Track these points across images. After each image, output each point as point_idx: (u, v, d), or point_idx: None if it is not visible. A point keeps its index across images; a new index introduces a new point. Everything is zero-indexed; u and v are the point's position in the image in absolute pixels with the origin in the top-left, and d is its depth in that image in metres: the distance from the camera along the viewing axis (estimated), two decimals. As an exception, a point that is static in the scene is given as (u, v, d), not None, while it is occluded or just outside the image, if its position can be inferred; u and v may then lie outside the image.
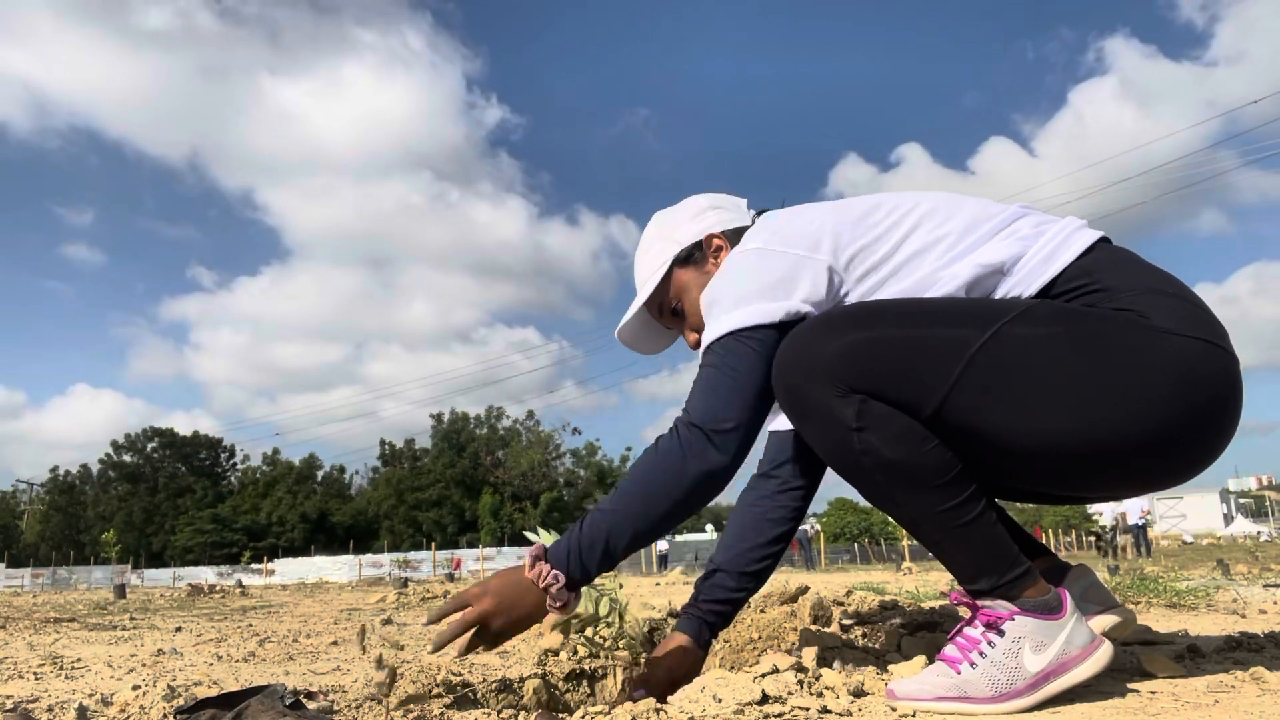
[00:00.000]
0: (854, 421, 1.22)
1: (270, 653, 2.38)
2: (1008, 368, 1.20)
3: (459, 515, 39.25)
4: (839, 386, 1.22)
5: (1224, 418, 1.24)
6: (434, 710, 1.37)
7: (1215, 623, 2.42)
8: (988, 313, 1.24)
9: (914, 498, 1.24)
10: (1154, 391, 1.18)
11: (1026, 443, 1.22)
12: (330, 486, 46.35)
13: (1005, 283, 1.31)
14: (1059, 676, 1.20)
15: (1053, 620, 1.22)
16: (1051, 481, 1.32)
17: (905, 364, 1.22)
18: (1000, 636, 1.22)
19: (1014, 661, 1.20)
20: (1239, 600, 3.19)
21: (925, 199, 1.40)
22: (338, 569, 30.96)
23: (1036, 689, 1.20)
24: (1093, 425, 1.19)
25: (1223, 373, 1.22)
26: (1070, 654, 1.21)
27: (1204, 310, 1.26)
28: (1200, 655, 1.64)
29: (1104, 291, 1.25)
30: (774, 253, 1.36)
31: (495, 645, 1.32)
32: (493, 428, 42.03)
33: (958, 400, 1.20)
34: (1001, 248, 1.32)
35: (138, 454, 48.75)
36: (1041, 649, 1.20)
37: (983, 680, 1.20)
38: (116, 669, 2.06)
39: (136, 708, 1.31)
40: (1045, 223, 1.36)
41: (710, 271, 1.55)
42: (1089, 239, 1.32)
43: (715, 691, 1.23)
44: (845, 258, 1.35)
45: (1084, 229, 1.35)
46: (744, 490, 1.70)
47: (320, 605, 5.49)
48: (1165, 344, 1.19)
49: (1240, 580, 5.33)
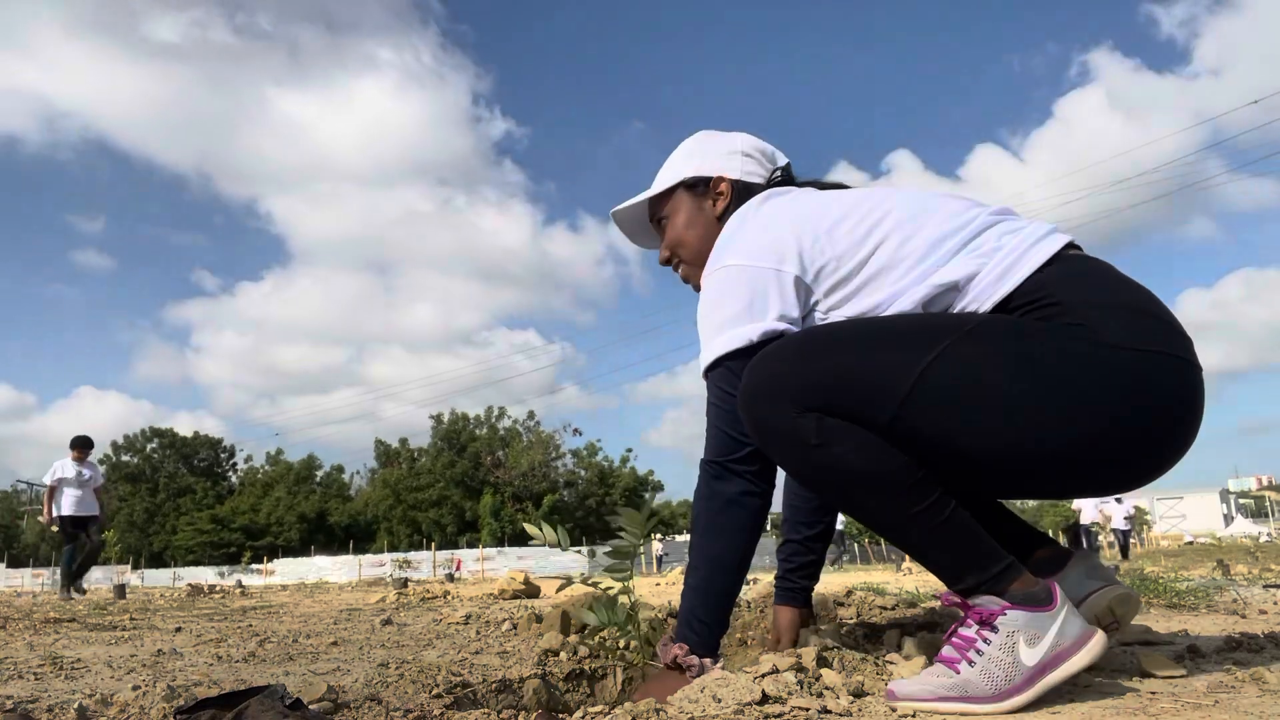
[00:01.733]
0: (814, 438, 1.28)
1: (270, 653, 2.39)
2: (951, 385, 1.25)
3: (458, 515, 39.23)
4: (796, 407, 1.28)
5: (1174, 426, 1.27)
6: (434, 710, 1.37)
7: (1215, 623, 2.42)
8: (936, 331, 1.29)
9: (886, 504, 1.28)
10: (1091, 405, 1.23)
11: (972, 453, 1.27)
12: (330, 487, 46.36)
13: (960, 300, 1.35)
14: (1055, 668, 1.21)
15: (1044, 612, 1.23)
16: (1005, 485, 1.38)
17: (859, 385, 1.28)
18: (994, 633, 1.23)
19: (1010, 656, 1.21)
20: (1239, 600, 3.19)
21: (897, 206, 1.42)
22: (338, 569, 30.95)
23: (1034, 682, 1.21)
24: (1027, 437, 1.25)
25: (1174, 383, 1.25)
26: (1064, 645, 1.22)
27: (1161, 321, 1.28)
28: (1200, 655, 1.64)
29: (1055, 306, 1.28)
30: (745, 269, 1.42)
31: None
32: (493, 428, 42.03)
33: (908, 416, 1.26)
34: (960, 266, 1.35)
35: (137, 454, 48.77)
36: (1036, 641, 1.21)
37: (982, 678, 1.22)
38: (116, 669, 2.06)
39: (136, 708, 1.31)
40: (1011, 232, 1.37)
41: (704, 208, 1.63)
42: (1048, 251, 1.34)
43: (715, 691, 1.23)
44: (814, 270, 1.40)
45: (1046, 240, 1.36)
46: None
47: (320, 605, 5.49)
48: (1107, 358, 1.23)
49: (1240, 580, 5.33)
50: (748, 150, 1.65)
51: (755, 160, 1.65)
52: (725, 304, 1.42)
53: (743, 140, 1.67)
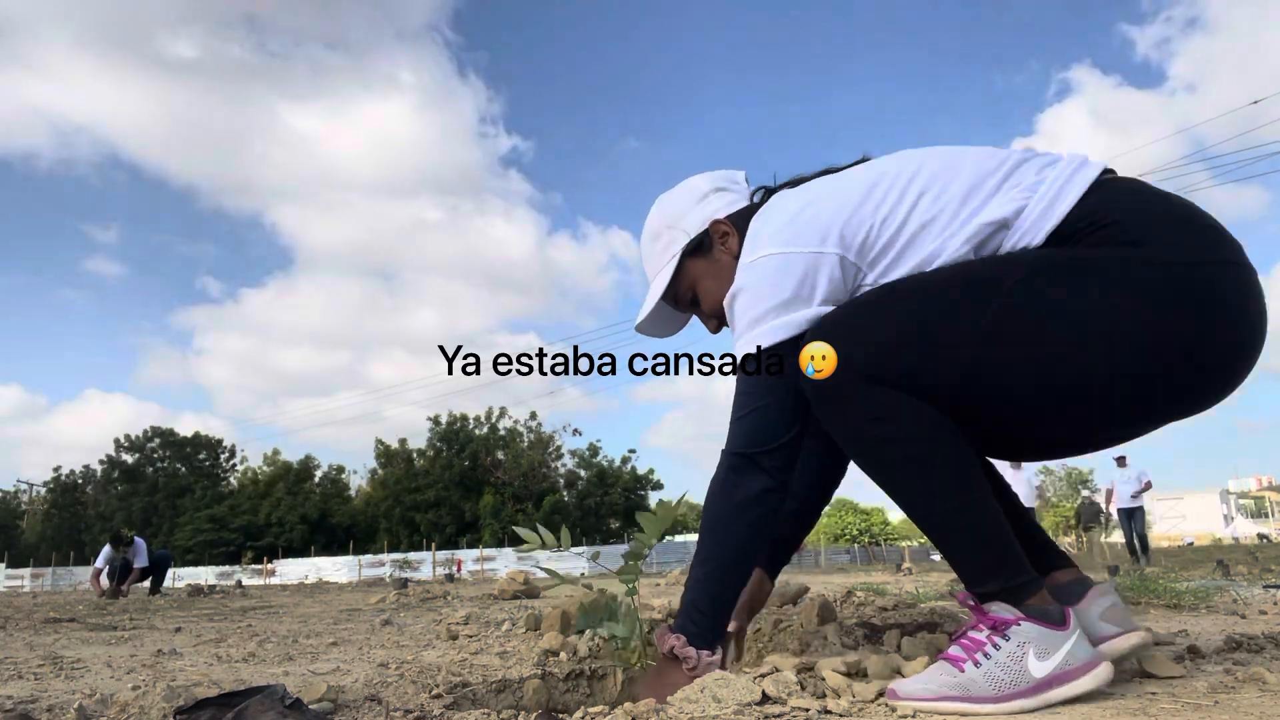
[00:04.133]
0: (879, 411, 1.27)
1: (270, 653, 2.38)
2: (1022, 326, 1.24)
3: (458, 516, 39.21)
4: (861, 376, 1.27)
5: (1243, 334, 1.24)
6: (434, 710, 1.37)
7: (1215, 623, 2.42)
8: (995, 274, 1.27)
9: (935, 489, 1.27)
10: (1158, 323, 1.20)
11: (1049, 391, 1.25)
12: (329, 487, 46.35)
13: (1011, 238, 1.32)
14: (1061, 685, 1.21)
15: (1058, 630, 1.23)
16: (1077, 429, 1.34)
17: (926, 341, 1.26)
18: (1005, 640, 1.23)
19: (1018, 665, 1.21)
20: (1239, 601, 3.19)
21: (925, 164, 1.38)
22: (338, 569, 30.94)
23: (1038, 693, 1.20)
24: (1102, 365, 1.22)
25: (1233, 290, 1.23)
26: (1073, 666, 1.21)
27: (1211, 229, 1.26)
28: (1200, 656, 1.64)
29: (1110, 226, 1.25)
30: (788, 256, 1.36)
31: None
32: (493, 428, 42.03)
33: (979, 362, 1.25)
34: (1004, 203, 1.32)
35: (137, 453, 48.75)
36: (1046, 656, 1.21)
37: (985, 680, 1.21)
38: (116, 669, 2.06)
39: (136, 708, 1.31)
40: (1048, 164, 1.35)
41: (720, 259, 1.56)
42: (1090, 177, 1.32)
43: (715, 692, 1.23)
44: (856, 244, 1.35)
45: (1085, 167, 1.34)
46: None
47: (320, 606, 5.49)
48: (1169, 276, 1.21)
49: (1240, 581, 5.32)
50: (714, 186, 1.59)
51: (726, 190, 1.59)
52: (765, 293, 1.36)
53: (701, 181, 1.61)
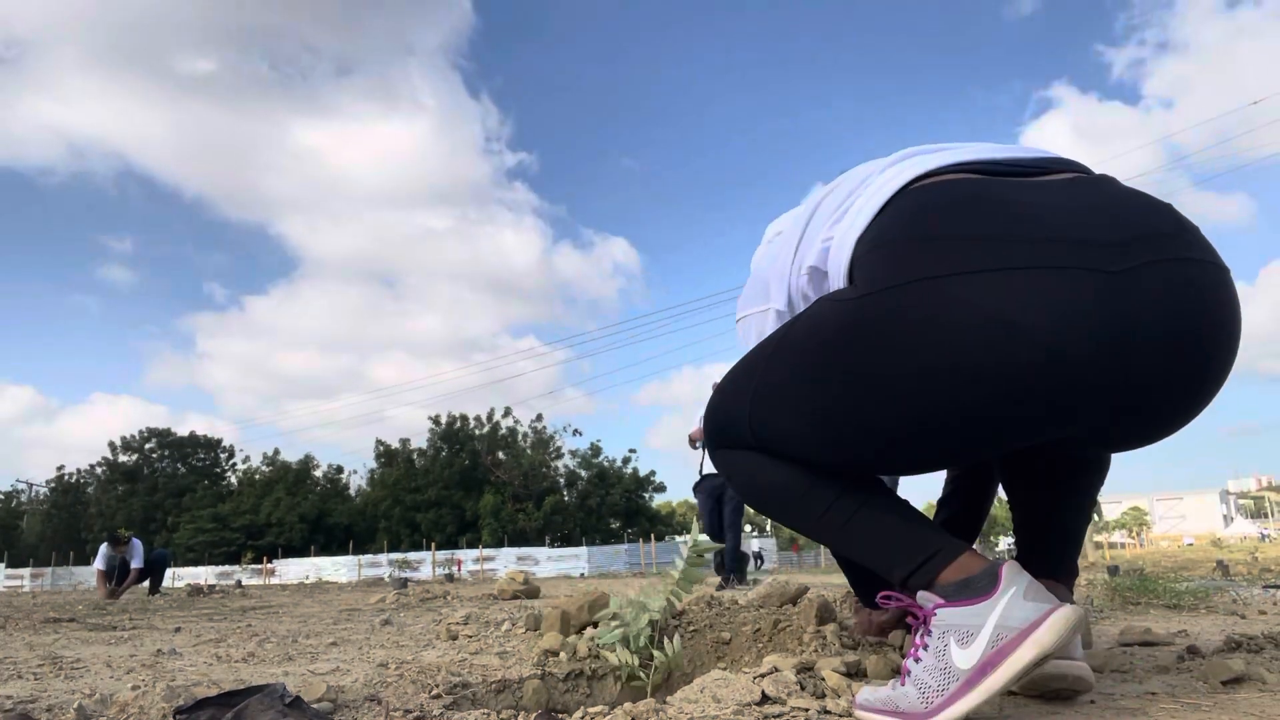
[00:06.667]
0: (725, 470, 1.36)
1: (270, 653, 2.38)
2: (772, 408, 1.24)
3: (458, 516, 39.20)
4: (715, 450, 1.37)
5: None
6: (434, 710, 1.37)
7: (1215, 623, 2.42)
8: (757, 354, 1.30)
9: (793, 516, 1.30)
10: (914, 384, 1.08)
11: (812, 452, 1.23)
12: (329, 486, 46.34)
13: (827, 282, 1.30)
14: (995, 668, 1.00)
15: (978, 603, 1.04)
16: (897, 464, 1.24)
17: (724, 419, 1.33)
18: (930, 636, 1.08)
19: (942, 663, 1.05)
20: (1238, 601, 3.19)
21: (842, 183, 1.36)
22: (338, 569, 30.93)
23: (971, 687, 1.02)
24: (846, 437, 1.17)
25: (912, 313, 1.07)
26: (1006, 638, 1.01)
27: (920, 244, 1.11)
28: (1200, 656, 1.64)
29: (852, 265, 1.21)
30: (746, 320, 1.50)
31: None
32: (494, 427, 42.03)
33: (759, 433, 1.26)
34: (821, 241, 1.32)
35: (136, 453, 48.74)
36: (968, 640, 1.03)
37: (916, 691, 1.07)
38: (116, 669, 2.06)
39: (136, 708, 1.31)
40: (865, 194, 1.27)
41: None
42: (879, 203, 1.20)
43: (715, 692, 1.23)
44: (799, 288, 1.39)
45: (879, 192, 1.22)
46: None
47: (320, 605, 5.48)
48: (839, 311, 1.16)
49: (1240, 581, 5.33)
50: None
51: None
52: (740, 359, 1.38)
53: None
